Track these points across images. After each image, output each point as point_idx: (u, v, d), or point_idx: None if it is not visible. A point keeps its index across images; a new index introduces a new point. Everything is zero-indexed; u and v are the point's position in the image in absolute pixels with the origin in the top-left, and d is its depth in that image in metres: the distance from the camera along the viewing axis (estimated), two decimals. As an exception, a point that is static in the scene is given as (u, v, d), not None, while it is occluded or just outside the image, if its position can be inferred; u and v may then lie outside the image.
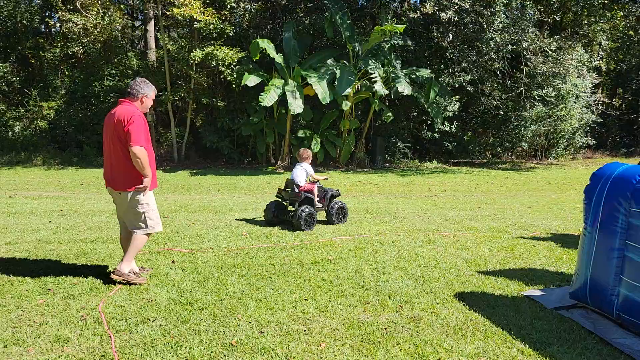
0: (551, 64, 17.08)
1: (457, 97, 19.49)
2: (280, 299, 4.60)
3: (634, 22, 26.93)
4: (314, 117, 18.34)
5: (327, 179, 8.77)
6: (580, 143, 23.04)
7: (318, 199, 7.93)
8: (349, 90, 16.45)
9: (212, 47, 16.40)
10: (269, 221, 7.87)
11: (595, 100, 18.23)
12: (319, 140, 17.82)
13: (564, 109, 21.35)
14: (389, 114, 17.65)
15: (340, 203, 8.12)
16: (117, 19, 18.07)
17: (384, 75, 17.07)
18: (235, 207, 9.67)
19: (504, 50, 17.74)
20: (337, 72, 16.43)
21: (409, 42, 17.69)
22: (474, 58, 18.19)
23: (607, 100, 18.49)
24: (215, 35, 17.03)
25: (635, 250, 3.92)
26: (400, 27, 15.55)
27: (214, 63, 16.44)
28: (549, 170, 18.94)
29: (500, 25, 18.30)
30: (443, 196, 12.10)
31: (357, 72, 17.14)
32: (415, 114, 20.82)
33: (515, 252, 6.51)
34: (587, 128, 23.61)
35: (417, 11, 16.72)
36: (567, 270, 5.72)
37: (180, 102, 18.42)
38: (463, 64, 17.90)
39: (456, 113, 19.80)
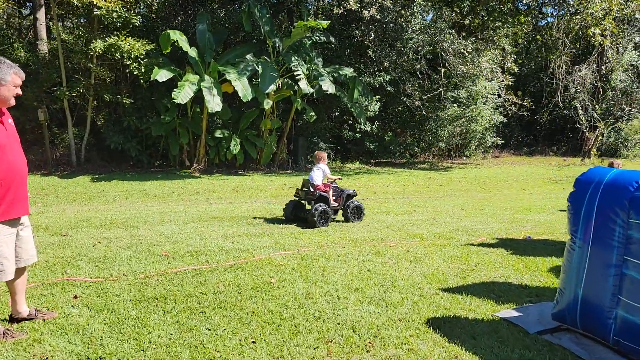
0: (470, 65, 17.42)
1: (377, 97, 19.32)
2: (221, 343, 3.66)
3: (531, 30, 28.72)
4: (232, 116, 17.18)
5: (340, 178, 9.08)
6: (490, 142, 24.00)
7: (334, 198, 8.29)
8: (272, 88, 15.53)
9: (116, 38, 14.66)
10: (288, 219, 8.30)
11: (507, 100, 18.94)
12: (238, 140, 16.70)
13: (474, 110, 22.09)
14: (312, 113, 16.97)
15: (355, 202, 8.45)
16: (1, 4, 15.61)
17: (307, 72, 16.36)
18: (150, 219, 8.40)
19: (423, 51, 17.81)
20: (259, 68, 15.44)
21: (332, 39, 17.13)
22: (394, 58, 18.08)
23: (519, 102, 19.28)
24: (119, 24, 15.27)
25: (636, 268, 3.47)
26: (325, 23, 14.91)
27: (117, 55, 14.71)
28: (466, 170, 19.38)
29: (418, 26, 18.38)
30: (374, 199, 11.61)
31: (279, 69, 16.27)
32: (337, 113, 20.38)
33: (470, 262, 6.03)
34: (495, 128, 24.67)
35: (341, 7, 16.18)
36: (530, 282, 5.30)
37: (79, 98, 16.34)
38: (385, 64, 17.70)
39: (377, 113, 19.62)
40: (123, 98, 16.00)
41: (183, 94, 14.02)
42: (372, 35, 17.56)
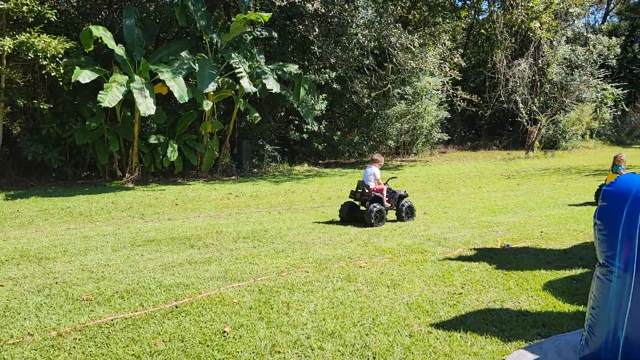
0: (419, 60, 16.93)
1: (324, 95, 18.47)
2: None
3: (471, 25, 28.96)
4: (168, 120, 15.73)
5: (396, 177, 10.16)
6: (436, 139, 23.82)
7: (387, 199, 8.59)
8: (212, 87, 14.25)
9: (28, 35, 12.87)
10: (343, 219, 8.63)
11: (455, 96, 18.69)
12: (175, 146, 15.29)
13: (420, 106, 21.78)
14: (256, 114, 15.83)
15: (408, 203, 8.77)
16: None
17: (249, 70, 15.21)
18: (71, 247, 7.04)
19: (370, 47, 17.14)
20: (196, 66, 14.11)
21: (274, 34, 16.05)
22: (340, 54, 17.29)
23: (468, 97, 19.07)
24: (31, 20, 13.44)
25: (699, 304, 2.74)
26: (266, 16, 13.82)
27: (31, 55, 12.93)
28: (417, 168, 18.94)
29: (362, 21, 17.69)
30: (330, 205, 10.70)
31: (219, 67, 15.02)
32: (282, 113, 19.34)
33: (454, 283, 5.23)
34: (440, 124, 24.53)
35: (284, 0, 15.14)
36: (530, 307, 4.56)
37: (-12, 104, 14.33)
38: (332, 60, 16.86)
39: (324, 112, 18.77)
40: (40, 103, 14.15)
41: (110, 97, 12.51)
42: (317, 30, 16.68)
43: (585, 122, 25.39)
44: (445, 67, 17.27)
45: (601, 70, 26.90)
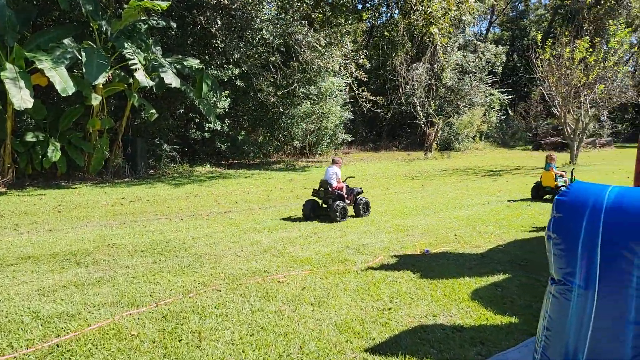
0: (327, 59, 16.67)
1: (227, 92, 17.56)
2: None
3: (371, 27, 29.60)
4: (48, 115, 13.89)
5: (353, 177, 10.90)
6: (341, 139, 23.91)
7: (346, 196, 9.12)
8: (102, 79, 12.75)
9: None
10: (307, 216, 8.91)
11: (361, 97, 18.77)
12: (57, 145, 13.51)
13: (324, 106, 21.71)
14: (153, 110, 14.52)
15: (365, 199, 9.37)
16: None
17: (145, 63, 13.89)
18: None
19: (275, 43, 16.58)
20: (83, 55, 12.54)
21: (173, 25, 14.83)
22: (244, 49, 16.52)
23: (372, 98, 19.22)
24: None
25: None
26: (163, 5, 12.66)
27: None
28: (323, 169, 18.73)
29: (267, 16, 17.09)
30: (238, 211, 9.98)
31: (109, 58, 13.53)
32: (181, 111, 18.07)
33: (382, 297, 4.87)
34: (343, 125, 24.70)
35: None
36: (463, 321, 4.32)
37: None
38: (236, 55, 16.02)
39: (227, 110, 17.86)
40: None
41: (-26, 87, 10.64)
42: (219, 23, 15.74)
43: (476, 125, 27.05)
44: (350, 68, 17.22)
45: (489, 76, 28.84)
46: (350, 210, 9.25)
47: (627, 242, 2.60)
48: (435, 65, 27.58)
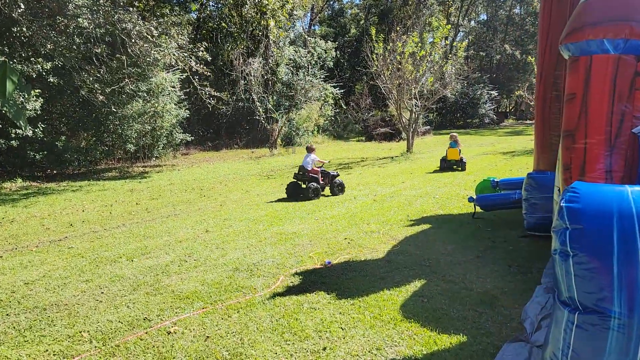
0: (164, 52, 14.78)
1: (38, 90, 14.53)
2: None
3: (198, 20, 27.92)
4: None
5: (328, 162, 12.88)
6: (179, 140, 22.01)
7: (322, 178, 10.90)
8: None
9: None
10: (290, 195, 10.72)
11: (203, 93, 17.25)
12: None
13: (156, 104, 19.70)
14: None
15: (339, 180, 11.11)
16: None
17: None
18: None
19: (98, 33, 14.17)
20: None
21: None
22: (56, 39, 13.81)
23: (217, 94, 17.81)
24: None
25: None
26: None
27: None
28: (165, 174, 16.85)
29: (81, 1, 14.56)
30: (76, 236, 8.03)
31: None
32: (-24, 114, 14.38)
33: (308, 333, 4.04)
34: (180, 124, 22.81)
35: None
36: (413, 351, 3.75)
37: None
38: (49, 45, 13.22)
39: (38, 112, 14.82)
40: None
41: None
42: (22, 7, 12.81)
43: (314, 119, 27.45)
44: (190, 61, 15.67)
45: (321, 71, 29.54)
46: (327, 192, 11.16)
47: (669, 254, 2.20)
48: (270, 60, 27.20)
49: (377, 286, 5.06)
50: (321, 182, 10.79)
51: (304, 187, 10.75)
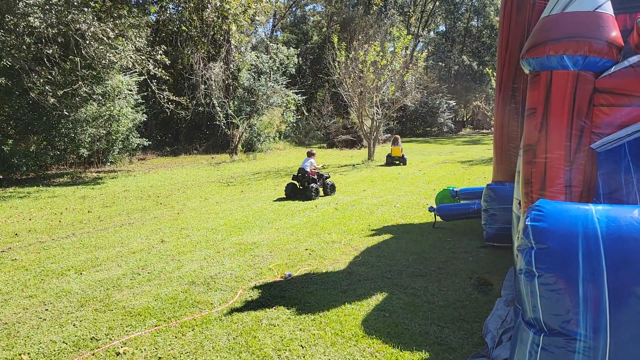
0: (121, 54, 14.25)
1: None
2: None
3: (157, 22, 27.28)
4: None
5: (324, 166, 14.71)
6: (135, 144, 21.33)
7: (318, 180, 11.88)
8: None
9: None
10: (288, 196, 11.58)
11: (162, 97, 16.75)
12: None
13: (112, 107, 19.05)
14: None
15: (331, 182, 12.16)
16: None
17: None
18: None
19: (49, 33, 13.55)
20: None
21: None
22: (3, 38, 13.13)
23: (176, 98, 17.34)
24: None
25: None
26: None
27: None
28: (121, 179, 16.26)
29: (32, 0, 13.93)
30: (21, 247, 7.55)
31: None
32: None
33: (266, 351, 3.89)
34: (136, 128, 22.13)
35: None
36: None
37: None
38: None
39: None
40: None
41: None
42: (-35, 2, 12.11)
43: (275, 125, 27.24)
44: (147, 64, 15.20)
45: (283, 77, 29.41)
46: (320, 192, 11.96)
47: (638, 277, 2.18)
48: (232, 65, 26.85)
49: (338, 300, 4.94)
50: (318, 183, 11.81)
51: (301, 188, 11.66)
